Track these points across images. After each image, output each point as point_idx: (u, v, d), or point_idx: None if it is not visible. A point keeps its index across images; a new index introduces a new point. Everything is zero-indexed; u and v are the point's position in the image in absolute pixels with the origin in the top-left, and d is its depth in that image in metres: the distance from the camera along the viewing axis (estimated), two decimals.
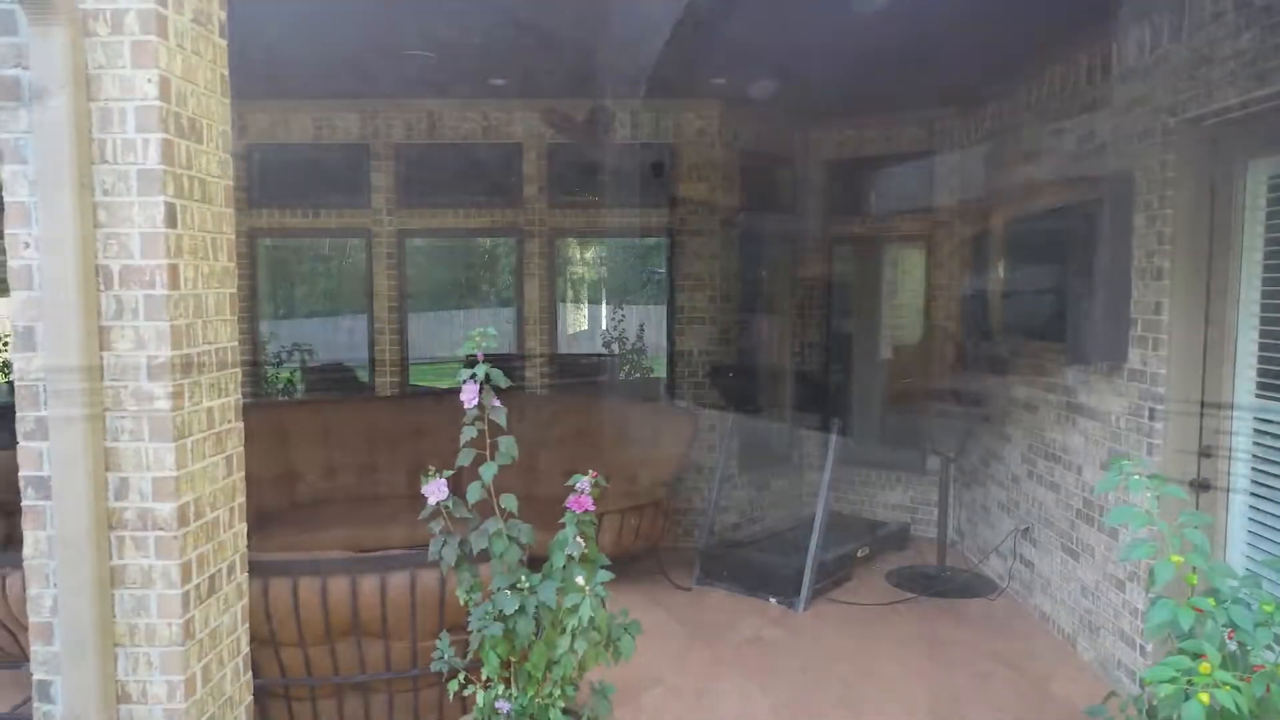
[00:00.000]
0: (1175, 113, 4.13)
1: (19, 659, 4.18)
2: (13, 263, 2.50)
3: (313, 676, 3.20)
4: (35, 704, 2.61)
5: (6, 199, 2.49)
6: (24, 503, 2.56)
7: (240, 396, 2.96)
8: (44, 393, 2.52)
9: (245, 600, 2.99)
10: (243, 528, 2.97)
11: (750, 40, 5.33)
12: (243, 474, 2.96)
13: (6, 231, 2.50)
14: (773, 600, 5.86)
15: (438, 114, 6.90)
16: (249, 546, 2.95)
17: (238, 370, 2.94)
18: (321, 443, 6.45)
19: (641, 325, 12.54)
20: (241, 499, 2.96)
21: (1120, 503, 4.52)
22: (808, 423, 7.84)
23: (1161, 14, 4.22)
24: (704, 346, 7.00)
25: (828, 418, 6.00)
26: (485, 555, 2.88)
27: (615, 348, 10.13)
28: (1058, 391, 5.34)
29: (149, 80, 2.45)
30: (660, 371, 11.62)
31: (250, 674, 3.03)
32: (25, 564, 2.57)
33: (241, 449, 2.96)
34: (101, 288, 2.50)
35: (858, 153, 7.53)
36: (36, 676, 2.60)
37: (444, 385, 8.71)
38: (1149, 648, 4.39)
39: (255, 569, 3.05)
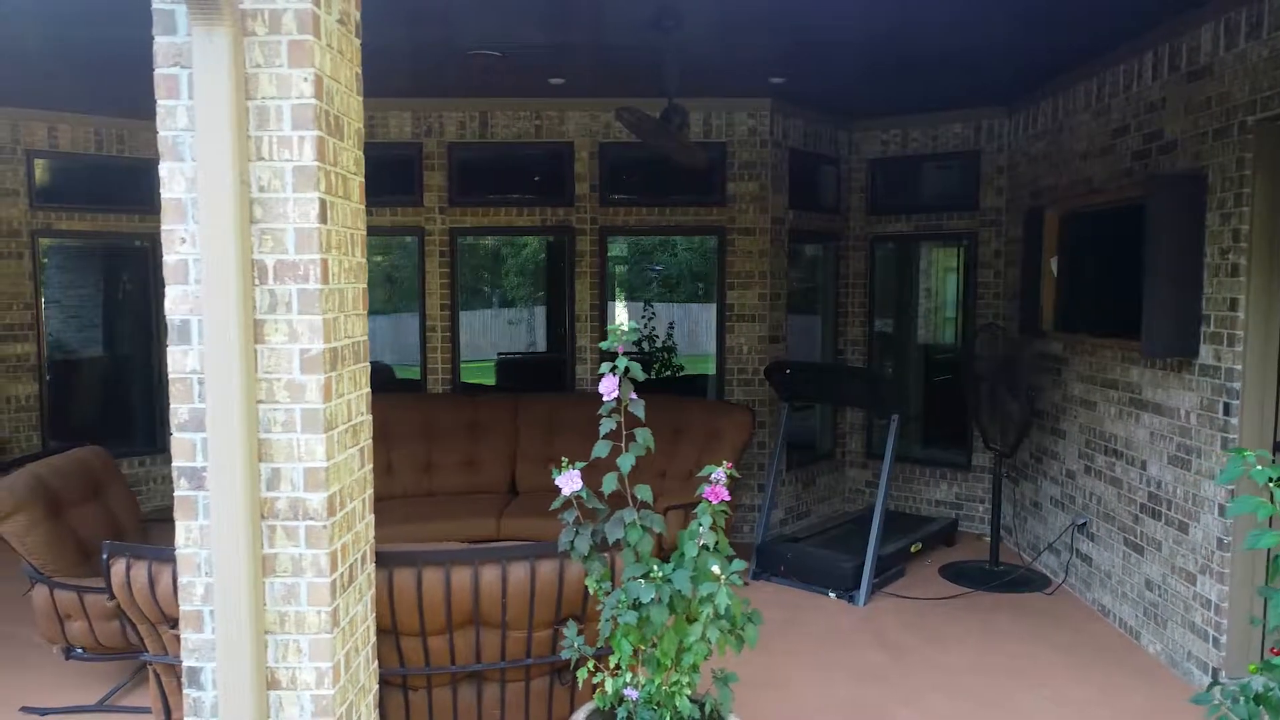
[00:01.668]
0: (1254, 111, 4.18)
1: (115, 651, 4.24)
2: (169, 258, 2.55)
3: (430, 666, 3.25)
4: (186, 690, 2.66)
5: (164, 195, 2.54)
6: (177, 493, 2.62)
7: (370, 390, 3.01)
8: (198, 385, 2.58)
9: (373, 590, 3.04)
10: (372, 519, 3.03)
11: (806, 38, 5.39)
12: (371, 466, 3.02)
13: (164, 227, 2.55)
14: (832, 594, 5.92)
15: (490, 113, 6.95)
16: None
17: (368, 364, 2.99)
18: (380, 440, 6.48)
19: (671, 324, 12.61)
20: (370, 491, 3.02)
21: (1190, 496, 4.59)
22: (863, 419, 7.91)
23: (1238, 12, 4.27)
24: (753, 344, 7.06)
25: (886, 413, 6.04)
26: (608, 545, 2.93)
27: (645, 346, 10.19)
28: (1119, 387, 5.40)
29: (305, 79, 2.50)
30: (691, 370, 11.69)
31: (376, 663, 3.08)
32: (178, 553, 2.63)
33: (370, 442, 3.02)
34: (256, 282, 2.55)
35: (903, 151, 7.59)
36: (187, 664, 2.65)
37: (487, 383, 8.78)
38: (1224, 639, 4.45)
39: (380, 559, 3.11)
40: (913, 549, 6.51)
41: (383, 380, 7.55)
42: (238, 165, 2.46)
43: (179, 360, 2.57)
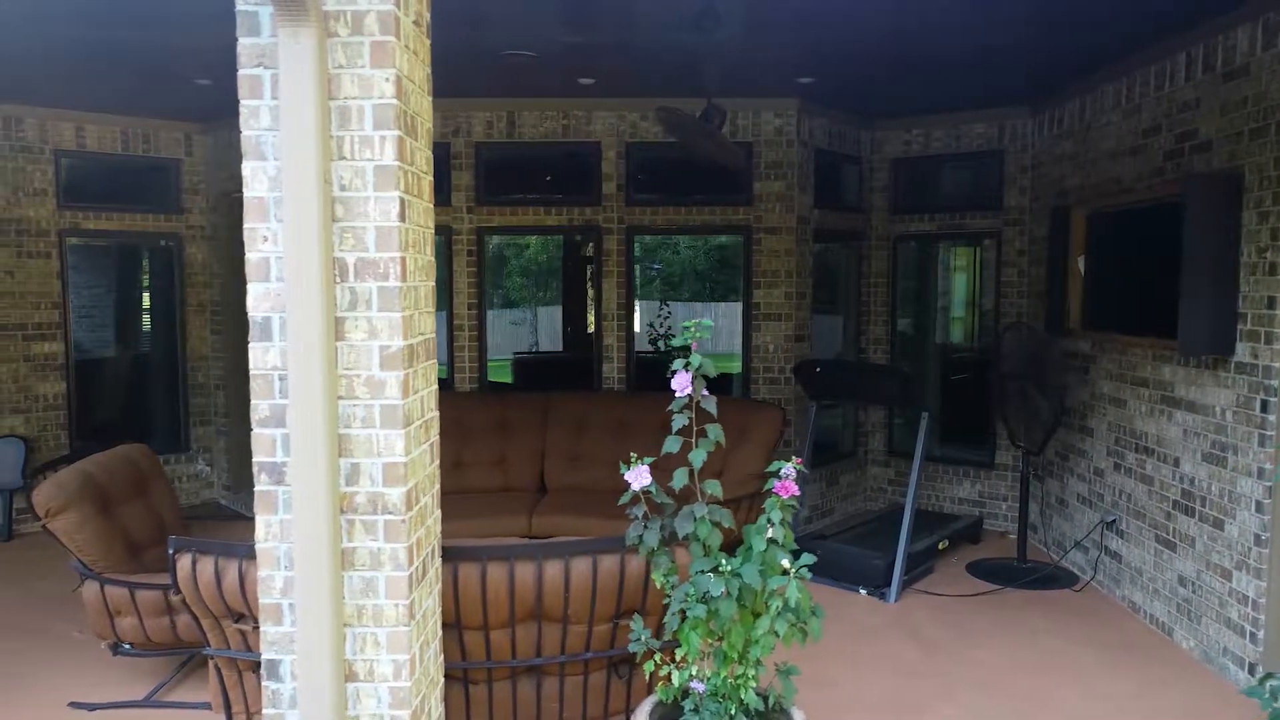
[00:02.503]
0: None
1: (164, 647, 4.28)
2: (251, 255, 2.59)
3: (491, 660, 3.29)
4: (265, 682, 2.70)
5: (247, 194, 2.58)
6: (257, 488, 2.65)
7: (437, 386, 3.05)
8: (278, 381, 2.61)
9: (439, 584, 3.08)
10: (439, 514, 3.07)
11: (836, 38, 5.43)
12: (438, 462, 3.06)
13: (246, 226, 2.59)
14: (862, 591, 5.96)
15: (517, 113, 6.98)
16: None
17: (435, 361, 3.03)
18: None
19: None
20: (438, 487, 3.05)
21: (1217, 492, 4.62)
22: (885, 417, 7.95)
23: (1277, 13, 4.31)
24: (779, 343, 7.10)
25: (917, 411, 6.07)
26: (674, 539, 2.97)
27: (661, 345, 10.23)
28: (1150, 385, 5.44)
29: (386, 79, 2.54)
30: (717, 368, 11.65)
31: (442, 656, 3.12)
32: (257, 547, 2.66)
33: (438, 438, 3.05)
34: (337, 279, 2.58)
35: (925, 150, 7.63)
36: (266, 656, 2.69)
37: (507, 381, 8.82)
38: (1261, 634, 4.49)
39: (446, 554, 3.14)
40: (940, 546, 6.55)
41: None
42: (321, 164, 2.49)
43: (260, 357, 2.61)
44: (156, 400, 8.24)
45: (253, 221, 2.58)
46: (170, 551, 3.27)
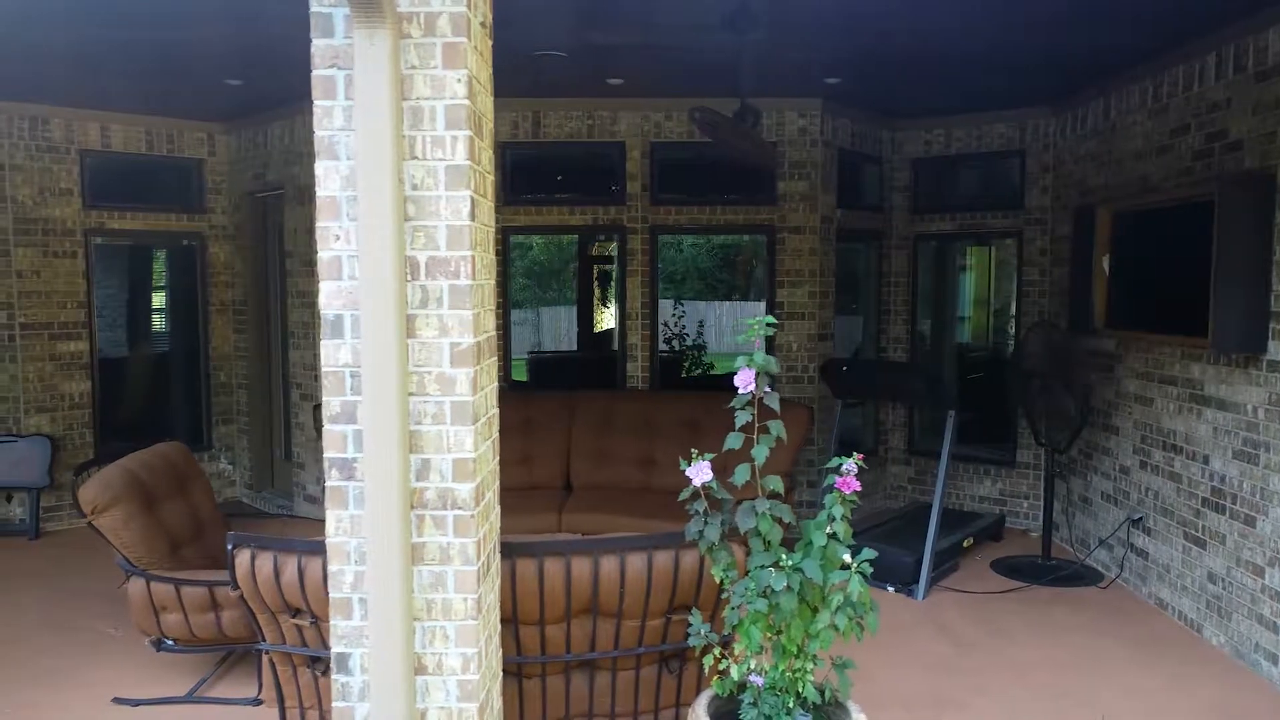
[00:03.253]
0: None
1: (208, 643, 4.31)
2: (323, 254, 2.62)
3: (546, 654, 3.32)
4: (334, 675, 2.73)
5: (319, 193, 2.61)
6: (328, 484, 2.68)
7: (498, 384, 3.08)
8: (350, 379, 2.65)
9: (499, 579, 3.11)
10: (499, 510, 3.10)
11: (865, 40, 5.47)
12: (498, 459, 3.09)
13: (318, 225, 2.62)
14: (890, 588, 5.99)
15: (542, 113, 7.02)
16: None
17: (495, 358, 3.06)
18: None
19: (701, 322, 12.67)
20: (498, 483, 3.09)
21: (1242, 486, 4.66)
22: (905, 416, 7.99)
23: None
24: (803, 342, 7.13)
25: (945, 409, 6.11)
26: (733, 534, 3.01)
27: (675, 344, 10.26)
28: (1179, 383, 5.47)
29: (458, 80, 2.57)
30: (722, 369, 11.72)
31: (501, 650, 3.15)
32: (328, 542, 2.69)
33: (498, 435, 3.09)
34: (409, 277, 2.62)
35: (946, 150, 7.67)
36: (335, 650, 2.72)
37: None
38: None
39: (504, 550, 3.18)
40: (965, 544, 6.59)
41: None
42: (395, 164, 2.53)
43: (332, 354, 2.64)
44: (179, 399, 8.28)
45: (325, 220, 2.62)
46: (229, 547, 3.30)
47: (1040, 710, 4.38)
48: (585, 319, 12.50)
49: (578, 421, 6.80)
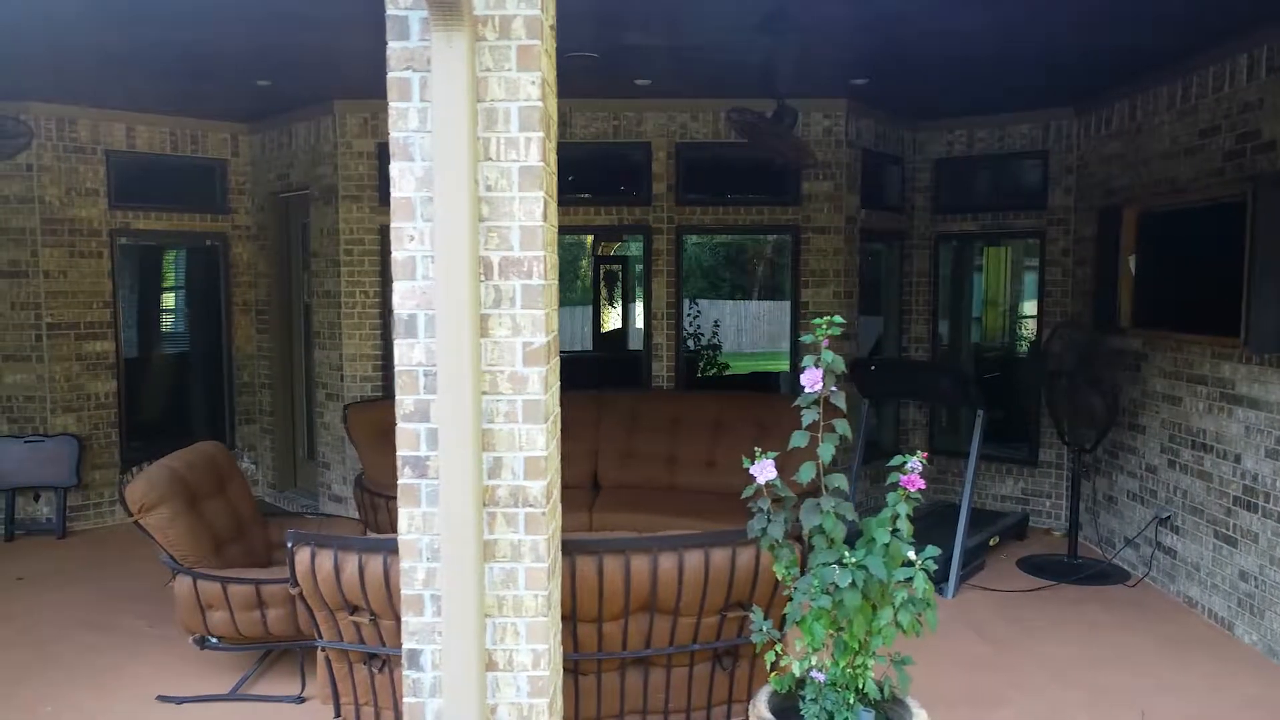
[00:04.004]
0: None
1: (253, 641, 4.33)
2: (397, 254, 2.65)
3: (603, 651, 3.35)
4: (405, 671, 2.76)
5: (394, 194, 2.64)
6: (400, 481, 2.71)
7: (559, 383, 3.11)
8: (423, 378, 2.67)
9: (560, 576, 3.14)
10: (560, 508, 3.12)
11: (897, 45, 5.51)
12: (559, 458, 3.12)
13: (393, 225, 2.65)
14: None
15: (569, 113, 7.04)
16: None
17: (558, 357, 3.08)
18: None
19: (716, 322, 12.69)
20: (559, 482, 3.11)
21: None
22: (926, 415, 8.02)
23: None
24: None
25: (973, 408, 6.13)
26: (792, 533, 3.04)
27: (691, 344, 10.29)
28: (1209, 383, 5.51)
29: (532, 82, 2.60)
30: (739, 369, 11.74)
31: (561, 647, 3.18)
32: (400, 539, 2.72)
33: (560, 433, 3.11)
34: (482, 277, 2.64)
35: (968, 151, 7.70)
36: (407, 646, 2.75)
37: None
38: None
39: (564, 547, 3.20)
40: (991, 543, 6.62)
41: None
42: (471, 166, 2.55)
43: (405, 353, 2.67)
44: (201, 399, 8.30)
45: (399, 221, 2.64)
46: (288, 545, 3.33)
47: (1080, 707, 4.41)
48: (599, 319, 12.53)
49: (605, 421, 6.82)
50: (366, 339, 7.24)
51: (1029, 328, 7.98)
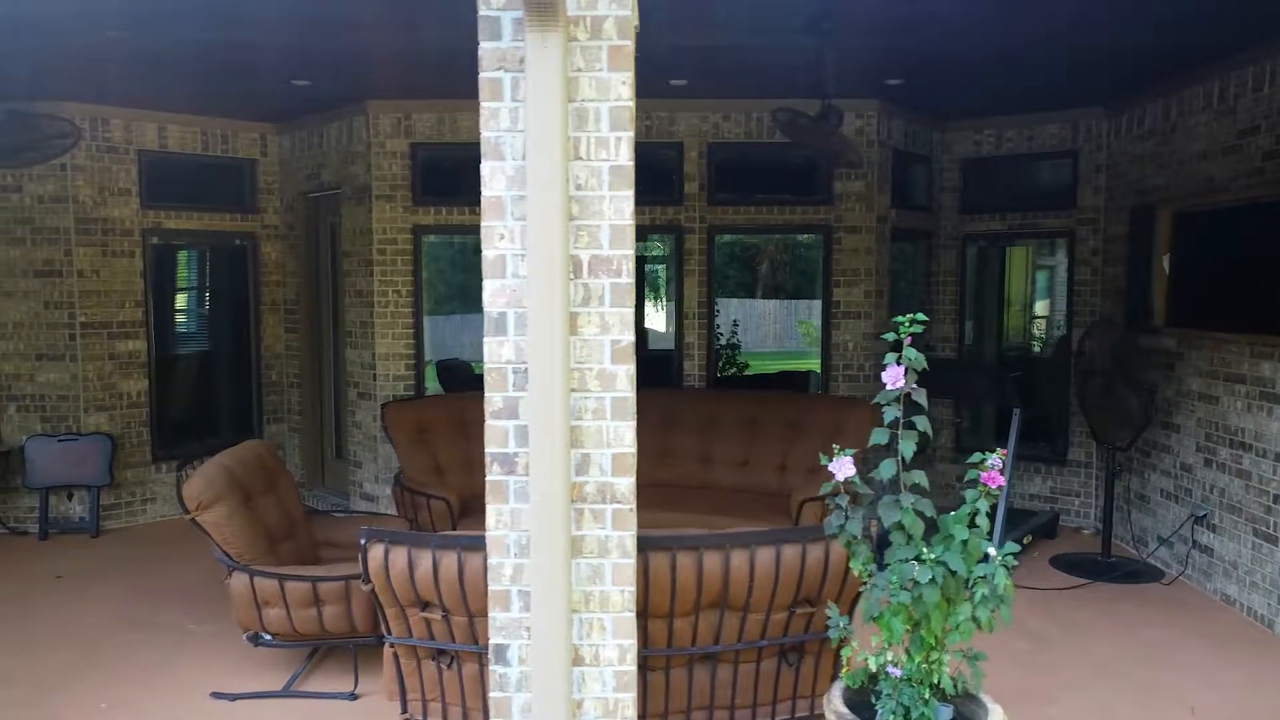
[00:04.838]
0: None
1: (308, 638, 4.36)
2: (488, 253, 2.67)
3: (672, 647, 3.37)
4: (492, 666, 2.78)
5: (485, 193, 2.66)
6: (489, 478, 2.73)
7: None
8: (512, 375, 2.70)
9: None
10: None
11: (930, 41, 5.53)
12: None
13: (483, 224, 2.67)
14: None
15: None
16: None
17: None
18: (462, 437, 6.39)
19: (735, 321, 12.70)
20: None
21: None
22: (952, 415, 8.05)
23: None
24: (859, 341, 7.19)
25: (1012, 407, 6.16)
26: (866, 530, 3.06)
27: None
28: (1248, 381, 5.53)
29: (623, 82, 2.62)
30: (756, 369, 11.75)
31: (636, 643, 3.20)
32: (488, 535, 2.74)
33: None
34: (571, 276, 2.67)
35: (996, 150, 7.72)
36: (494, 641, 2.78)
37: None
38: None
39: (639, 544, 3.22)
40: (1025, 541, 6.62)
41: (468, 378, 7.62)
42: (563, 165, 2.58)
43: (495, 351, 2.69)
44: (231, 398, 8.32)
45: (490, 220, 2.66)
46: (361, 542, 3.35)
47: (1129, 704, 4.43)
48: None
49: (642, 419, 6.82)
50: (399, 338, 7.26)
51: (1056, 326, 8.00)
